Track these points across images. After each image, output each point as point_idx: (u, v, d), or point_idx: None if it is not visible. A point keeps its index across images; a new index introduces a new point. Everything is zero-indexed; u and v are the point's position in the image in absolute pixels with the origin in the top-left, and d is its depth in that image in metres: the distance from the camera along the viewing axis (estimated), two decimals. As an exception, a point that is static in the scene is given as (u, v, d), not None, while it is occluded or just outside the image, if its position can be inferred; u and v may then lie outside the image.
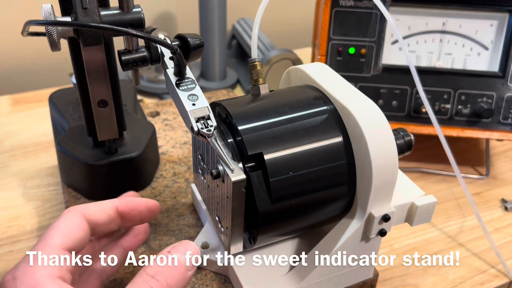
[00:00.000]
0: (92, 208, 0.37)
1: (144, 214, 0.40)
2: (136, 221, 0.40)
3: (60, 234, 0.34)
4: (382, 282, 0.52)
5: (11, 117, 0.78)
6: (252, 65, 0.46)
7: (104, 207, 0.38)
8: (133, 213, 0.39)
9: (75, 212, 0.36)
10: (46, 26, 0.39)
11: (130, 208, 0.39)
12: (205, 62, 0.90)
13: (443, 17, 0.64)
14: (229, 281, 0.47)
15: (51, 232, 0.34)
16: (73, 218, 0.35)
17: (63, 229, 0.34)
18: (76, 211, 0.36)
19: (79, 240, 0.34)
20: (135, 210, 0.39)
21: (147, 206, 0.40)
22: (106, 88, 0.49)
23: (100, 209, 0.37)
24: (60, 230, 0.34)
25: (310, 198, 0.42)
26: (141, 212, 0.40)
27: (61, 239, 0.33)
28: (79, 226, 0.35)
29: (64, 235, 0.34)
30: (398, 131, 0.46)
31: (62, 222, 0.35)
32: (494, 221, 0.62)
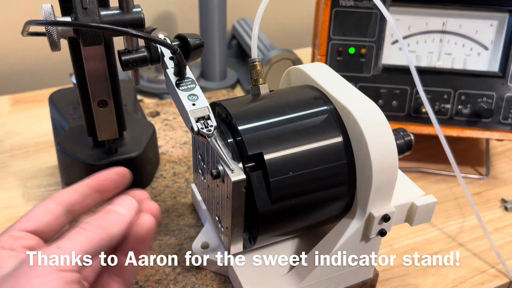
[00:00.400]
0: (65, 191, 0.38)
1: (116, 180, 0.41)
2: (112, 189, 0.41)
3: (26, 219, 0.36)
4: (382, 282, 0.52)
5: (11, 117, 0.78)
6: (252, 65, 0.46)
7: (76, 187, 0.39)
8: (104, 183, 0.40)
9: (45, 200, 0.38)
10: (46, 26, 0.39)
11: (101, 179, 0.40)
12: (205, 62, 0.90)
13: (443, 17, 0.64)
14: (229, 281, 0.47)
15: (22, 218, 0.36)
16: (41, 204, 0.37)
17: (27, 215, 0.36)
18: (48, 199, 0.38)
19: (44, 223, 0.36)
20: (106, 179, 0.40)
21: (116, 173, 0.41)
22: (106, 88, 0.49)
23: (72, 190, 0.39)
24: (29, 216, 0.36)
25: (310, 198, 0.42)
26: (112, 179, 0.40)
27: (24, 223, 0.35)
28: (45, 210, 0.37)
29: (29, 220, 0.36)
30: (398, 131, 0.46)
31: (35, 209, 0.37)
32: (494, 221, 0.62)
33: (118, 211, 0.36)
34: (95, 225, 0.34)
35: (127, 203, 0.37)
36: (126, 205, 0.37)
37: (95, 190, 0.40)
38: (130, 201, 0.37)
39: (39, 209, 0.37)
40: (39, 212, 0.37)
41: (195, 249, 0.48)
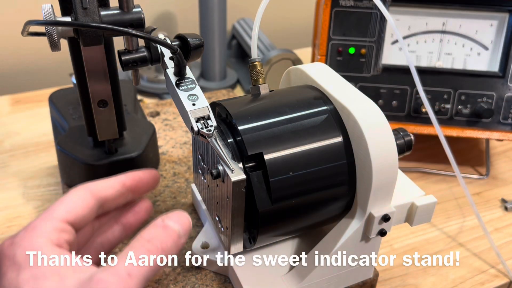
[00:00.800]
0: (101, 185, 0.38)
1: (149, 183, 0.41)
2: (143, 191, 0.42)
3: (63, 208, 0.35)
4: (382, 282, 0.52)
5: (11, 117, 0.78)
6: (252, 65, 0.46)
7: (113, 183, 0.39)
8: (139, 184, 0.40)
9: (83, 189, 0.37)
10: (46, 26, 0.39)
11: (137, 180, 0.40)
12: (205, 62, 0.90)
13: (443, 17, 0.64)
14: (229, 281, 0.47)
15: (55, 206, 0.35)
16: (80, 195, 0.36)
17: (67, 204, 0.35)
18: (84, 188, 0.37)
19: (82, 216, 0.35)
20: (141, 181, 0.40)
21: (150, 175, 0.42)
22: (106, 88, 0.49)
23: (109, 185, 0.38)
24: (64, 205, 0.35)
25: (310, 198, 0.42)
26: (147, 182, 0.41)
27: (64, 213, 0.34)
28: (85, 203, 0.36)
29: (67, 210, 0.35)
30: (398, 131, 0.46)
31: (68, 197, 0.36)
32: (494, 221, 0.62)
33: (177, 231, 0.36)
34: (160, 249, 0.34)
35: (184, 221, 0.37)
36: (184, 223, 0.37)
37: (130, 189, 0.40)
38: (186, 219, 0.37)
39: (77, 200, 0.36)
40: (78, 203, 0.36)
41: (195, 249, 0.48)
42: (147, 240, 0.34)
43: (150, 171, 0.42)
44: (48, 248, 0.32)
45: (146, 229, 0.35)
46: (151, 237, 0.34)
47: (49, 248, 0.32)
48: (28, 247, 0.32)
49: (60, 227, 0.34)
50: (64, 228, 0.34)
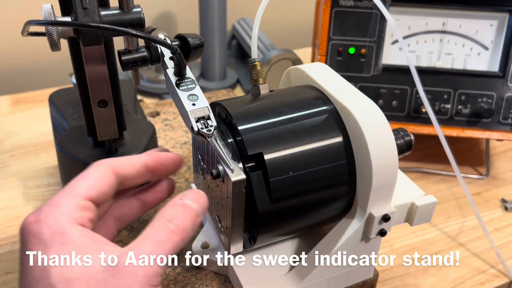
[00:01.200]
0: (122, 162, 0.38)
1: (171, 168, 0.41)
2: (163, 175, 0.42)
3: (85, 184, 0.35)
4: (382, 282, 0.52)
5: (11, 117, 0.78)
6: (252, 65, 0.46)
7: (134, 162, 0.38)
8: (161, 167, 0.40)
9: (104, 165, 0.36)
10: (46, 26, 0.39)
11: (159, 163, 0.40)
12: (205, 62, 0.90)
13: (443, 17, 0.64)
14: (229, 281, 0.47)
15: (77, 181, 0.35)
16: (101, 171, 0.36)
17: (89, 180, 0.35)
18: (106, 164, 0.37)
19: (103, 193, 0.35)
20: (163, 164, 0.40)
21: (173, 160, 0.41)
22: (106, 88, 0.49)
23: (130, 164, 0.38)
24: (86, 181, 0.35)
25: (310, 198, 0.42)
26: (169, 166, 0.41)
27: (86, 190, 0.34)
28: (106, 179, 0.36)
29: (89, 186, 0.35)
30: (398, 131, 0.46)
31: (90, 173, 0.36)
32: (494, 221, 0.62)
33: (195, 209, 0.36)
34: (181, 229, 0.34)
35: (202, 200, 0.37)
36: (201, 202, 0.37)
37: (150, 170, 0.39)
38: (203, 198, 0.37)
39: (99, 176, 0.36)
40: (100, 179, 0.36)
41: (195, 249, 0.48)
42: (168, 220, 0.34)
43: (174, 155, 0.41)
44: (72, 227, 0.32)
45: (165, 208, 0.35)
46: (172, 217, 0.34)
47: (73, 227, 0.32)
48: (53, 226, 0.32)
49: (82, 205, 0.34)
50: (86, 206, 0.34)
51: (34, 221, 0.32)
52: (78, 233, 0.32)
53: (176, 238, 0.34)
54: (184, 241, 0.34)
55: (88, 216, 0.34)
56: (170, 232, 0.34)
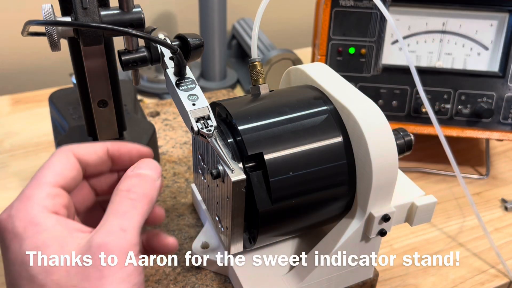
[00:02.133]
0: (83, 148, 0.37)
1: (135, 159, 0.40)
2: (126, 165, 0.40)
3: (52, 172, 0.34)
4: (382, 282, 0.52)
5: (11, 117, 0.78)
6: (252, 65, 0.46)
7: (95, 148, 0.38)
8: (124, 157, 0.39)
9: (66, 151, 0.36)
10: (46, 26, 0.39)
11: (122, 152, 0.39)
12: (205, 62, 0.90)
13: (443, 17, 0.64)
14: (229, 281, 0.47)
15: (43, 171, 0.34)
16: (64, 157, 0.35)
17: (55, 167, 0.35)
18: (68, 150, 0.36)
19: (71, 178, 0.35)
20: (127, 154, 0.39)
21: (138, 151, 0.40)
22: (106, 88, 0.49)
23: (91, 150, 0.37)
24: (52, 169, 0.34)
25: (310, 198, 0.42)
26: (132, 157, 0.39)
27: (53, 177, 0.34)
28: (71, 165, 0.35)
29: (56, 173, 0.34)
30: (398, 131, 0.46)
31: (53, 161, 0.35)
32: (494, 221, 0.62)
33: (150, 175, 0.36)
34: (142, 195, 0.34)
35: (154, 166, 0.37)
36: (154, 167, 0.37)
37: (112, 159, 0.39)
38: (154, 164, 0.37)
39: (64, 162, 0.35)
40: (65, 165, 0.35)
41: (195, 249, 0.48)
42: (126, 191, 0.34)
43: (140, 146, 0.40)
44: (45, 216, 0.32)
45: (121, 182, 0.35)
46: (129, 187, 0.34)
47: (46, 216, 0.32)
48: (25, 218, 0.31)
49: (53, 192, 0.33)
50: (57, 193, 0.34)
51: (6, 217, 0.32)
52: (52, 221, 0.32)
53: (140, 205, 0.34)
54: (149, 206, 0.34)
55: (60, 202, 0.33)
56: (132, 201, 0.34)
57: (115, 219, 0.32)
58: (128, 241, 0.31)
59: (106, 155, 0.38)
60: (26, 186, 0.34)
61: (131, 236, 0.32)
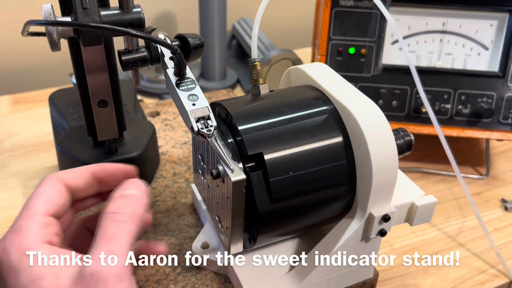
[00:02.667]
0: (70, 175, 0.38)
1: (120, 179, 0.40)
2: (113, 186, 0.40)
3: (42, 201, 0.35)
4: (382, 282, 0.52)
5: (11, 117, 0.78)
6: (252, 65, 0.46)
7: (81, 173, 0.38)
8: (110, 178, 0.39)
9: (54, 179, 0.36)
10: (46, 26, 0.39)
11: (107, 174, 0.39)
12: (205, 62, 0.90)
13: (443, 17, 0.64)
14: (229, 281, 0.47)
15: (33, 200, 0.35)
16: (52, 185, 0.36)
17: (44, 196, 0.35)
18: (55, 178, 0.37)
19: (60, 205, 0.36)
20: (112, 175, 0.40)
21: (123, 172, 0.40)
22: (106, 88, 0.49)
23: (78, 176, 0.38)
24: (42, 198, 0.35)
25: (310, 198, 0.42)
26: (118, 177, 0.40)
27: (44, 206, 0.34)
28: (59, 192, 0.36)
29: (46, 202, 0.35)
30: (398, 131, 0.46)
31: (42, 190, 0.36)
32: (494, 221, 0.62)
33: (136, 194, 0.36)
34: (129, 215, 0.34)
35: (139, 185, 0.37)
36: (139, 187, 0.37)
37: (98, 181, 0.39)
38: (139, 184, 0.37)
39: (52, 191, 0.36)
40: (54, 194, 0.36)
41: (195, 249, 0.48)
42: (112, 213, 0.34)
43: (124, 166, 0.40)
44: (39, 247, 0.32)
45: (107, 205, 0.35)
46: (115, 209, 0.35)
47: (39, 248, 0.32)
48: (19, 250, 0.32)
49: (44, 222, 0.34)
50: (48, 221, 0.34)
51: (1, 251, 0.32)
52: (46, 252, 0.32)
53: (128, 226, 0.34)
54: (137, 225, 0.34)
55: (52, 231, 0.34)
56: (119, 223, 0.34)
57: (104, 244, 0.32)
58: (120, 266, 0.32)
59: (92, 178, 0.39)
60: (17, 217, 0.34)
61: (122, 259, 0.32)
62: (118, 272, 0.31)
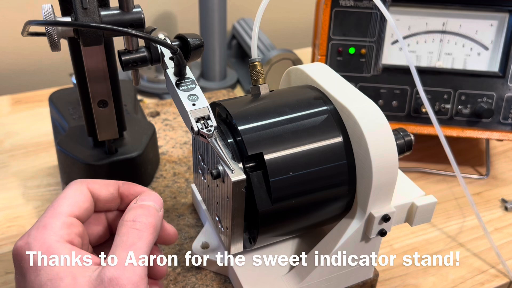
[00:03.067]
0: (97, 184, 0.39)
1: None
2: None
3: (67, 202, 0.36)
4: (382, 282, 0.52)
5: (11, 117, 0.78)
6: (252, 65, 0.46)
7: (108, 185, 0.39)
8: (132, 198, 0.40)
9: (81, 184, 0.38)
10: (46, 26, 0.39)
11: (131, 193, 0.40)
12: (205, 62, 0.90)
13: (443, 17, 0.64)
14: (229, 281, 0.47)
15: (59, 201, 0.36)
16: (79, 189, 0.37)
17: (70, 198, 0.36)
18: (82, 183, 0.38)
19: (85, 209, 0.37)
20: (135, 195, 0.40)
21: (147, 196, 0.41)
22: (106, 88, 0.49)
23: (104, 186, 0.39)
24: (68, 199, 0.36)
25: (310, 198, 0.42)
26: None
27: (69, 207, 0.36)
28: (85, 196, 0.37)
29: (71, 204, 0.36)
30: (398, 131, 0.46)
31: (69, 192, 0.37)
32: (494, 221, 0.62)
33: (153, 206, 0.37)
34: (146, 224, 0.35)
35: (155, 198, 0.38)
36: (156, 199, 0.38)
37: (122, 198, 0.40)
38: (156, 196, 0.39)
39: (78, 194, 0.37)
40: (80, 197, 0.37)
41: (195, 249, 0.48)
42: (131, 221, 0.35)
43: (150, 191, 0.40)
44: (61, 247, 0.33)
45: (126, 213, 0.37)
46: (134, 217, 0.36)
47: (61, 247, 0.33)
48: (42, 247, 0.33)
49: (68, 222, 0.35)
50: (72, 222, 0.35)
51: (24, 245, 0.33)
52: (67, 251, 0.33)
53: (145, 234, 0.35)
54: (154, 236, 0.36)
55: (75, 231, 0.35)
56: (137, 231, 0.35)
57: (123, 252, 0.33)
58: (138, 274, 0.33)
59: (117, 193, 0.40)
60: (42, 215, 0.35)
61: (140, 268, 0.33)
62: (135, 280, 0.32)
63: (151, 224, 0.36)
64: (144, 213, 0.36)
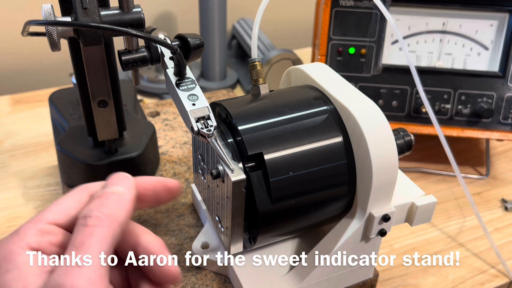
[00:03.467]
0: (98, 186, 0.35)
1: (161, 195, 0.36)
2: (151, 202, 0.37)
3: (56, 209, 0.33)
4: (382, 282, 0.52)
5: (11, 117, 0.78)
6: (252, 65, 0.46)
7: None
8: (148, 193, 0.35)
9: (81, 190, 0.34)
10: (46, 26, 0.39)
11: (145, 188, 0.35)
12: (205, 62, 0.90)
13: (443, 17, 0.64)
14: (229, 281, 0.47)
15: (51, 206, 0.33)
16: (76, 196, 0.34)
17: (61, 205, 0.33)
18: (83, 189, 0.34)
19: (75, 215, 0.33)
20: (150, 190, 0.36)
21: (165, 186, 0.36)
22: (106, 88, 0.49)
23: None
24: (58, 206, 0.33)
25: (310, 198, 0.42)
26: (158, 193, 0.36)
27: (54, 214, 0.32)
28: (78, 201, 0.33)
29: (59, 211, 0.33)
30: (398, 131, 0.46)
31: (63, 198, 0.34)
32: (494, 221, 0.62)
33: (117, 191, 0.33)
34: (102, 218, 0.31)
35: (123, 180, 0.33)
36: (123, 182, 0.33)
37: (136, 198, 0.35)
38: (125, 178, 0.34)
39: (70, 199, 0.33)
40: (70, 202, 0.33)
41: (195, 249, 0.48)
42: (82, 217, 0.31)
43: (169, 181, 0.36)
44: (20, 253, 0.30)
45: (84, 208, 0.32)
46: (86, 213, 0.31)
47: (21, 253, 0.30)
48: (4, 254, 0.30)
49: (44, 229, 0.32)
50: (49, 230, 0.32)
51: None
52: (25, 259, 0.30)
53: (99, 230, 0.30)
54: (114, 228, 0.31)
55: (49, 240, 0.32)
56: (88, 228, 0.30)
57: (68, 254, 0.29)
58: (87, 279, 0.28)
59: None
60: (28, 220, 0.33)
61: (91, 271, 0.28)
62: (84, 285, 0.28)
63: (109, 216, 0.31)
64: (102, 203, 0.31)
